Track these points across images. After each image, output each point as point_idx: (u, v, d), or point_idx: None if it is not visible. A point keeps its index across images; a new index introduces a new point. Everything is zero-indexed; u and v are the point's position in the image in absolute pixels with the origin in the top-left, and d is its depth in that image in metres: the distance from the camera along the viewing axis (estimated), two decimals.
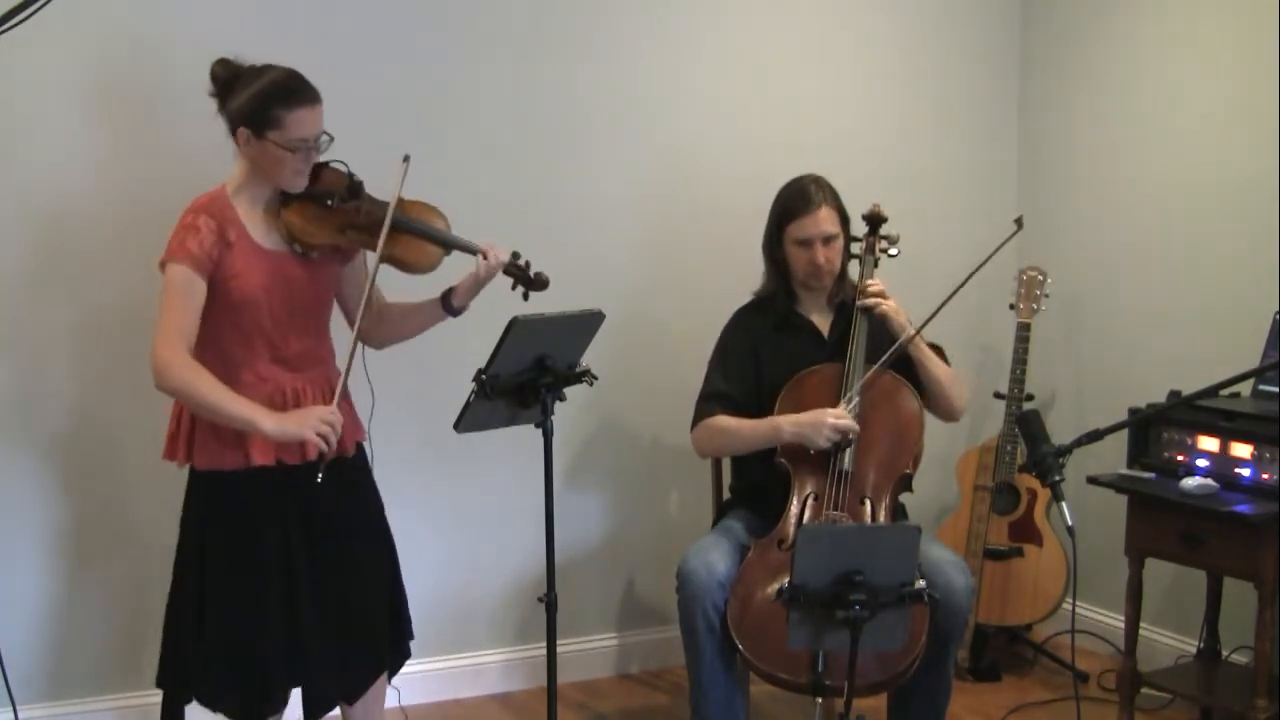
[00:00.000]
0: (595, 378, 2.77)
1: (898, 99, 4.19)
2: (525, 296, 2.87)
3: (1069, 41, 4.20)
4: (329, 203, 2.70)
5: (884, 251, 3.36)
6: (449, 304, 2.85)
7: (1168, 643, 3.82)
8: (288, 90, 2.60)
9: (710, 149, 3.92)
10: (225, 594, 2.67)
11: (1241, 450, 3.17)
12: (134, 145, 3.27)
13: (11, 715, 2.89)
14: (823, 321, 3.27)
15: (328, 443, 2.61)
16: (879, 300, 3.16)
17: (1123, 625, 3.42)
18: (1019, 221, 2.71)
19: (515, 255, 2.84)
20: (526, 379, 2.65)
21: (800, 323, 3.26)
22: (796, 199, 3.18)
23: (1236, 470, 3.17)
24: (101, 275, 3.26)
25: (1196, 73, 3.77)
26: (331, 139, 2.68)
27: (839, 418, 3.00)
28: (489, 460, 3.63)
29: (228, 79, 2.64)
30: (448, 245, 2.81)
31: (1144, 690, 3.43)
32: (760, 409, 3.16)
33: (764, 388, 3.19)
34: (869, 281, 3.22)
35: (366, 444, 2.88)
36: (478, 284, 2.82)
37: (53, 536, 3.29)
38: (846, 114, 4.11)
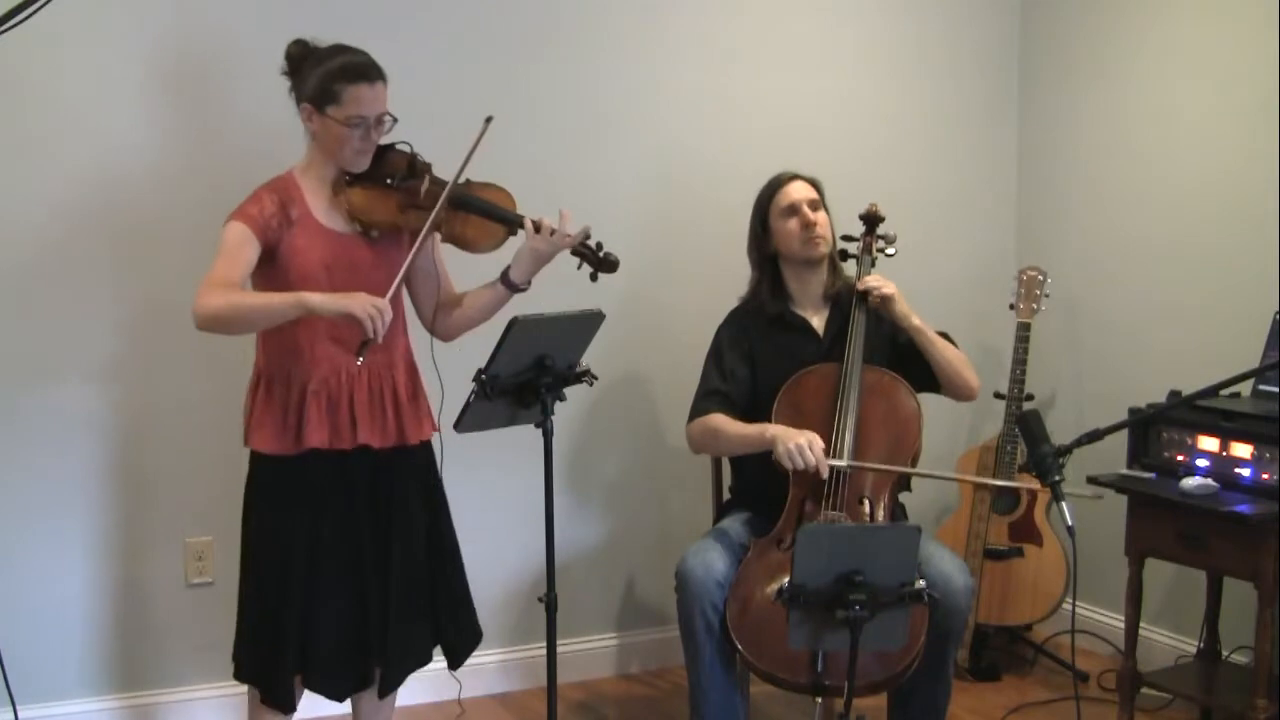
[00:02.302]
0: (595, 378, 2.77)
1: (897, 99, 4.19)
2: (594, 277, 2.86)
3: (1069, 43, 4.20)
4: (389, 181, 2.72)
5: (881, 251, 3.36)
6: (509, 281, 2.84)
7: (1168, 643, 3.82)
8: (349, 67, 2.65)
9: (710, 149, 3.92)
10: (256, 575, 2.72)
11: (1241, 450, 3.17)
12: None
13: (11, 715, 2.89)
14: (818, 319, 3.27)
15: (375, 324, 2.54)
16: (879, 285, 3.16)
17: (1123, 625, 3.42)
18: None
19: (586, 235, 2.82)
20: (526, 379, 2.65)
21: (795, 321, 3.26)
22: (772, 181, 3.27)
23: (1236, 470, 3.17)
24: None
25: (1196, 73, 3.77)
26: (395, 120, 2.71)
27: (809, 449, 2.92)
28: (489, 460, 3.62)
29: (300, 58, 2.70)
30: (510, 223, 2.80)
31: (1144, 690, 3.43)
32: (756, 407, 3.16)
33: (760, 387, 3.19)
34: (868, 277, 3.22)
35: (436, 440, 2.86)
36: (538, 260, 2.80)
37: (52, 536, 3.29)
38: (846, 114, 4.11)
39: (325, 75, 2.64)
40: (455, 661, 2.93)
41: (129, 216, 3.29)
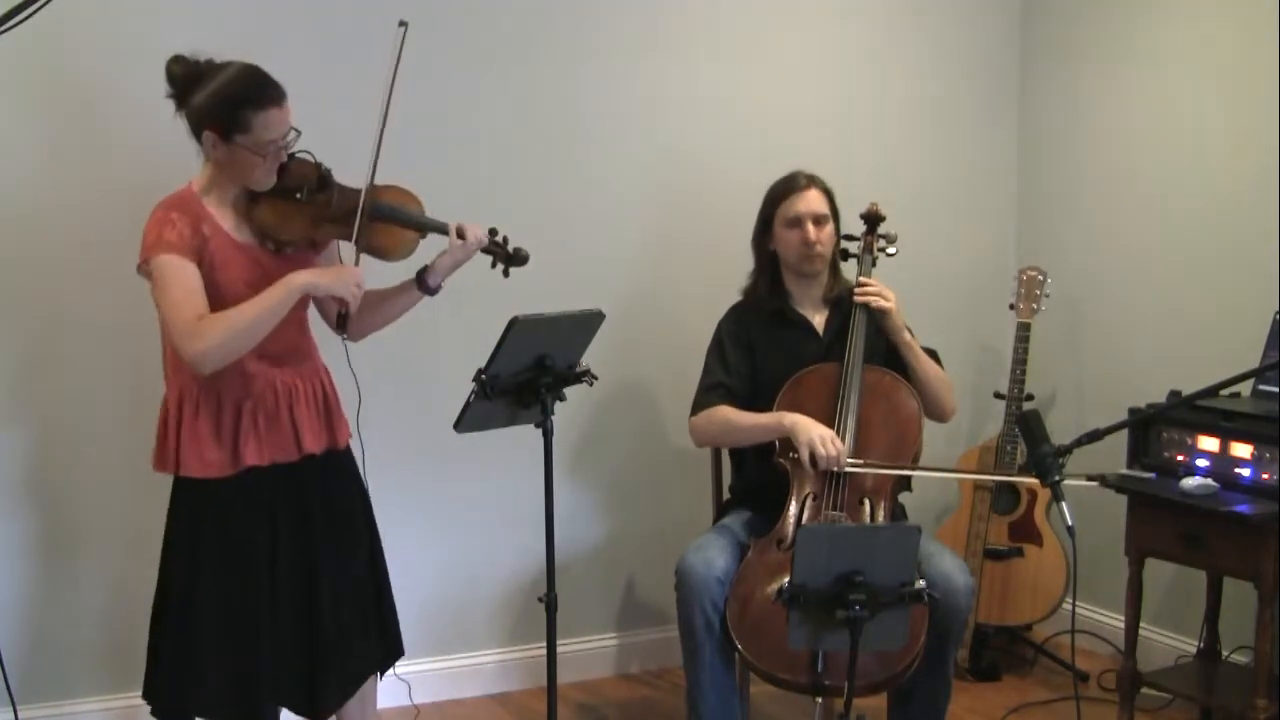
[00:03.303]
0: (595, 378, 2.77)
1: (897, 99, 4.19)
2: (505, 273, 2.86)
3: (1069, 42, 4.20)
4: (299, 196, 2.63)
5: (882, 250, 3.37)
6: (424, 283, 2.82)
7: (1168, 643, 3.82)
8: (254, 91, 2.51)
9: (709, 149, 3.92)
10: (219, 601, 2.63)
11: (1241, 450, 3.17)
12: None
13: (11, 715, 2.89)
14: (818, 318, 3.28)
15: (355, 301, 2.61)
16: (877, 296, 3.17)
17: (1123, 625, 3.42)
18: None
19: (493, 232, 2.83)
20: (526, 379, 2.65)
21: (795, 319, 3.26)
22: (785, 183, 3.24)
23: (1236, 470, 3.16)
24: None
25: (1196, 73, 3.77)
26: (299, 133, 2.60)
27: (833, 443, 2.96)
28: (489, 460, 3.62)
29: (186, 77, 2.54)
30: (423, 228, 2.77)
31: (1144, 690, 3.43)
32: (756, 402, 3.16)
33: (761, 383, 3.19)
34: (864, 280, 3.23)
35: (355, 443, 2.86)
36: (454, 263, 2.81)
37: (53, 536, 3.29)
38: (846, 114, 4.11)
39: (229, 101, 2.50)
40: (383, 670, 2.92)
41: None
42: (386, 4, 3.46)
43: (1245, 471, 3.15)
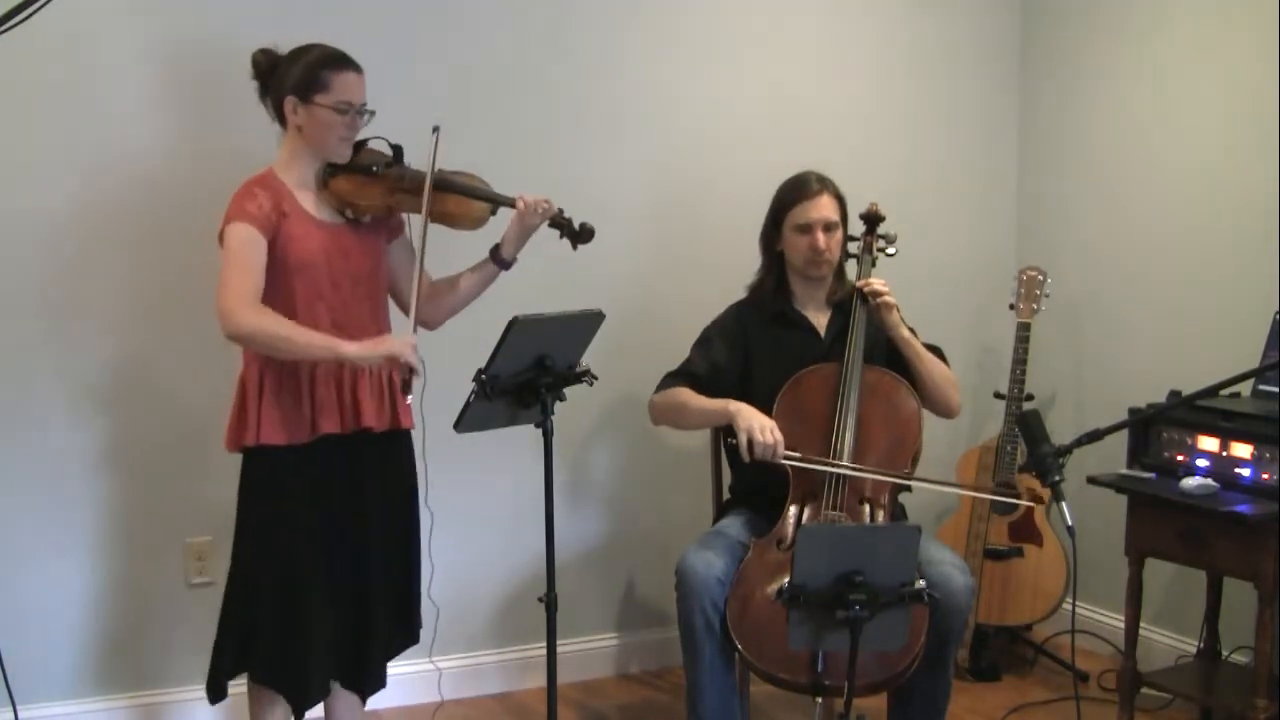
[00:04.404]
0: (595, 378, 2.77)
1: (898, 99, 4.19)
2: (574, 247, 2.96)
3: (1069, 42, 4.20)
4: (374, 169, 2.81)
5: (881, 250, 3.37)
6: (499, 257, 2.95)
7: (1168, 643, 3.82)
8: (333, 56, 2.74)
9: (711, 149, 3.92)
10: (279, 571, 2.74)
11: (1241, 450, 3.17)
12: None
13: (11, 715, 2.89)
14: (820, 320, 3.27)
15: (414, 362, 2.68)
16: (884, 290, 3.17)
17: (1123, 625, 3.42)
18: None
19: (560, 210, 2.93)
20: (526, 379, 2.65)
21: (797, 320, 3.26)
22: (798, 187, 3.21)
23: (1236, 470, 3.16)
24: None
25: (1196, 73, 3.77)
26: (373, 113, 2.78)
27: (771, 433, 2.96)
28: (488, 460, 3.62)
29: (269, 64, 2.77)
30: (492, 200, 2.92)
31: (1144, 690, 3.43)
32: (725, 395, 3.17)
33: (758, 383, 3.18)
34: (868, 279, 3.23)
35: (418, 436, 2.96)
36: (522, 234, 2.92)
37: (53, 536, 3.29)
38: (846, 114, 4.11)
39: (310, 65, 2.72)
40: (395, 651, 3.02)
41: (130, 215, 3.29)
42: (394, 12, 3.49)
43: (1245, 471, 3.15)
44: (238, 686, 2.86)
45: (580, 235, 2.94)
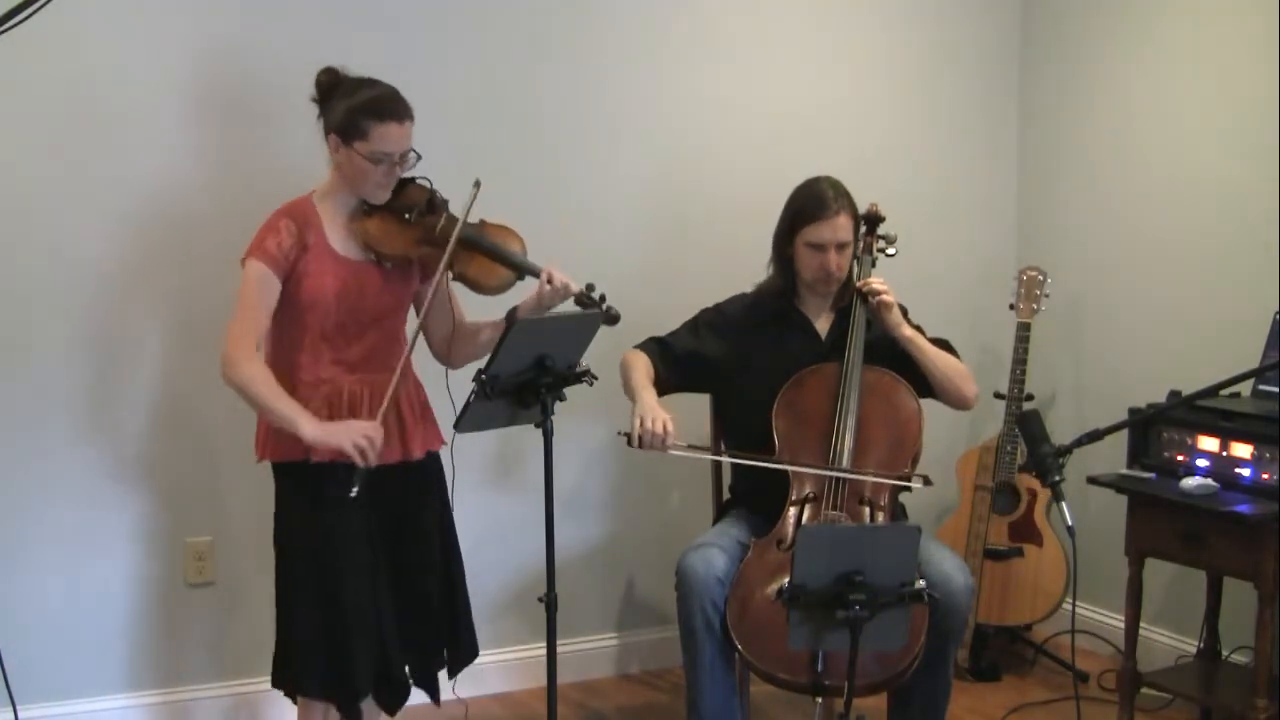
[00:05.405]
0: (595, 378, 2.76)
1: (897, 99, 4.19)
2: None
3: (1069, 43, 4.20)
4: (407, 216, 2.76)
5: (881, 251, 3.37)
6: (514, 321, 2.87)
7: (1168, 643, 3.82)
8: (379, 104, 2.66)
9: (710, 151, 3.92)
10: (321, 580, 2.71)
11: (1241, 450, 3.17)
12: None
13: (11, 715, 2.89)
14: (822, 322, 3.27)
15: (365, 457, 2.61)
16: (884, 289, 3.17)
17: (1123, 625, 3.42)
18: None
19: (590, 287, 2.85)
20: (526, 379, 2.65)
21: (798, 320, 3.26)
22: (815, 203, 3.15)
23: (1236, 470, 3.17)
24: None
25: (1196, 73, 3.77)
26: (419, 157, 2.73)
27: (662, 425, 2.97)
28: (489, 460, 3.62)
29: (329, 86, 2.72)
30: (517, 268, 2.84)
31: (1144, 690, 3.43)
32: (691, 382, 3.26)
33: (756, 383, 3.17)
34: (868, 279, 3.23)
35: (447, 455, 2.90)
36: (541, 306, 2.84)
37: (54, 535, 3.29)
38: (846, 114, 4.11)
39: (353, 110, 2.66)
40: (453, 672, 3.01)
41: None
42: (402, 21, 3.49)
43: (1245, 471, 3.15)
44: (239, 686, 2.85)
45: (606, 318, 2.83)
